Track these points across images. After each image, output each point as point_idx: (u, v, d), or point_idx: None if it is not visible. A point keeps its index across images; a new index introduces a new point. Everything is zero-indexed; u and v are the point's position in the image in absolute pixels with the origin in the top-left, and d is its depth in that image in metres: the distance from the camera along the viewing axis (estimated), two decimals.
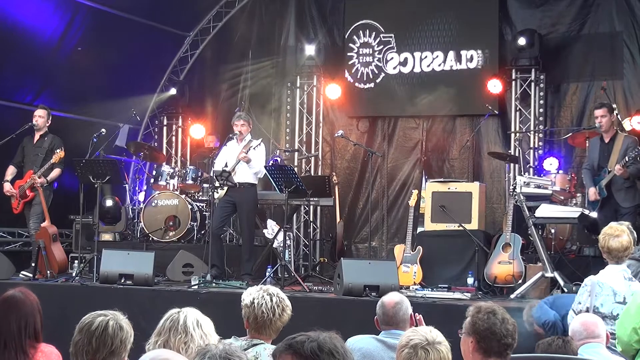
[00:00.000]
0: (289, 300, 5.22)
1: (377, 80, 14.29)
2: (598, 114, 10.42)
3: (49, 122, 11.92)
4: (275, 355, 3.26)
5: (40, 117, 11.80)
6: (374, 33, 14.32)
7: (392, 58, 14.19)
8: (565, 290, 9.63)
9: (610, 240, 6.75)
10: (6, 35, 12.56)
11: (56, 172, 11.71)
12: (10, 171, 11.88)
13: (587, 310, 6.53)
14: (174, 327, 4.39)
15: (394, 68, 14.16)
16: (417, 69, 14.02)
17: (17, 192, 11.66)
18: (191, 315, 4.43)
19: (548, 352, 5.75)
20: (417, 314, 5.81)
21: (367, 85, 14.38)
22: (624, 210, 10.10)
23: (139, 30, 14.46)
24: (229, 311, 5.19)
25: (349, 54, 14.48)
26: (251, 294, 5.16)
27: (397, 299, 5.73)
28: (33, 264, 11.46)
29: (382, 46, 14.25)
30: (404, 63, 14.11)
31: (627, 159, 9.95)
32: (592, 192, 10.28)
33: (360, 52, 14.42)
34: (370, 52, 14.36)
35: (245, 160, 11.08)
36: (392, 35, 14.21)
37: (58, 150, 11.54)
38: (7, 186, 11.76)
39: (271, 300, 5.11)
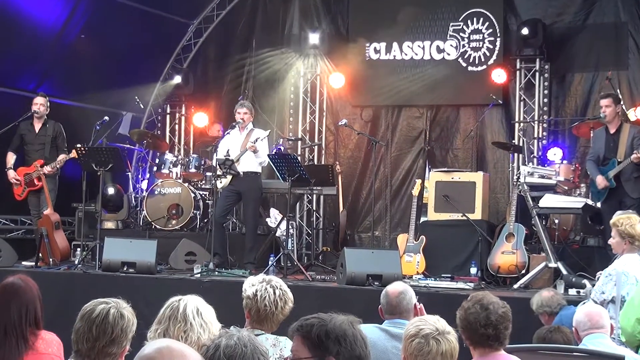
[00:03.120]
0: (290, 293, 5.18)
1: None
2: (603, 103, 10.38)
3: (48, 109, 11.92)
4: (290, 333, 3.30)
5: (42, 104, 11.80)
6: None
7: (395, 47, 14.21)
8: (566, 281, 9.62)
9: (637, 225, 6.77)
10: (9, 22, 12.52)
11: (63, 158, 11.72)
12: (11, 158, 11.88)
13: (614, 300, 6.54)
14: (173, 316, 4.36)
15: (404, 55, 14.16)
16: (420, 58, 13.98)
17: (21, 179, 11.68)
18: (191, 304, 4.39)
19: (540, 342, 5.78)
20: (418, 303, 5.79)
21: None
22: (630, 201, 10.03)
23: (142, 18, 14.42)
24: (231, 300, 5.17)
25: None
26: (253, 285, 5.10)
27: (401, 288, 5.71)
28: (40, 254, 11.51)
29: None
30: (408, 52, 14.09)
31: None
32: (601, 179, 10.19)
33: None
34: None
35: (252, 150, 11.05)
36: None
37: (75, 147, 11.47)
38: (11, 173, 11.78)
39: (274, 293, 5.03)
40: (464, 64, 13.66)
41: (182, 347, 2.50)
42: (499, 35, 13.47)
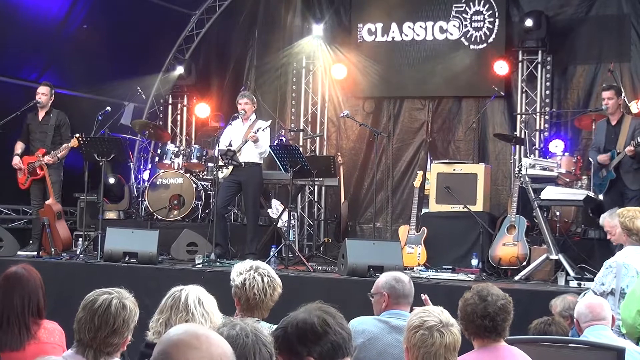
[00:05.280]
0: (279, 278, 5.19)
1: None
2: (605, 95, 10.38)
3: (52, 98, 11.92)
4: None
5: (44, 94, 11.78)
6: None
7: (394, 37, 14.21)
8: (571, 273, 9.62)
9: (636, 221, 6.78)
10: (11, 12, 12.50)
11: (67, 148, 11.74)
12: (20, 146, 11.92)
13: (613, 292, 6.54)
14: (175, 305, 4.38)
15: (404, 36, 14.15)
16: (422, 39, 13.97)
17: (25, 168, 11.70)
18: (193, 294, 4.40)
19: (535, 334, 5.77)
20: (423, 294, 5.77)
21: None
22: (631, 193, 10.04)
23: (144, 8, 14.37)
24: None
25: None
26: (241, 274, 5.10)
27: (405, 277, 5.66)
28: (31, 241, 11.57)
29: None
30: (409, 32, 14.08)
31: (638, 140, 9.88)
32: (603, 157, 10.20)
33: None
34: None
35: (253, 139, 11.05)
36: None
37: (74, 136, 11.49)
38: (16, 159, 11.80)
39: (262, 280, 5.04)
40: (466, 43, 13.64)
41: (207, 331, 2.45)
42: (497, 16, 13.45)
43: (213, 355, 2.33)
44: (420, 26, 13.97)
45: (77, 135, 11.46)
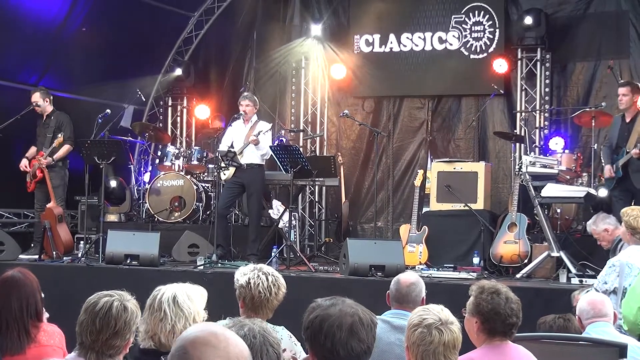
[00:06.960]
0: (282, 279, 5.20)
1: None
2: (621, 91, 10.35)
3: (48, 100, 11.93)
4: None
5: (35, 101, 11.79)
6: None
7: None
8: (572, 270, 9.62)
9: None
10: (10, 15, 12.49)
11: (64, 149, 11.74)
12: (31, 150, 11.99)
13: (616, 291, 6.55)
14: (151, 305, 4.39)
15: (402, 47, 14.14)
16: (420, 49, 13.97)
17: (30, 170, 11.74)
18: (168, 292, 4.39)
19: (551, 332, 5.77)
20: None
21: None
22: (639, 194, 10.01)
23: (143, 11, 14.37)
24: (234, 291, 5.17)
25: None
26: (245, 274, 5.11)
27: (413, 279, 5.64)
28: (32, 245, 11.63)
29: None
30: (408, 43, 14.06)
31: None
32: (608, 169, 10.20)
33: None
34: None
35: (254, 143, 11.07)
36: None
37: (59, 135, 11.57)
38: (23, 162, 11.88)
39: (267, 279, 5.05)
40: (466, 53, 13.66)
41: (225, 331, 2.43)
42: (497, 26, 13.45)
43: (230, 355, 2.32)
44: (419, 37, 13.96)
45: (59, 135, 11.54)
